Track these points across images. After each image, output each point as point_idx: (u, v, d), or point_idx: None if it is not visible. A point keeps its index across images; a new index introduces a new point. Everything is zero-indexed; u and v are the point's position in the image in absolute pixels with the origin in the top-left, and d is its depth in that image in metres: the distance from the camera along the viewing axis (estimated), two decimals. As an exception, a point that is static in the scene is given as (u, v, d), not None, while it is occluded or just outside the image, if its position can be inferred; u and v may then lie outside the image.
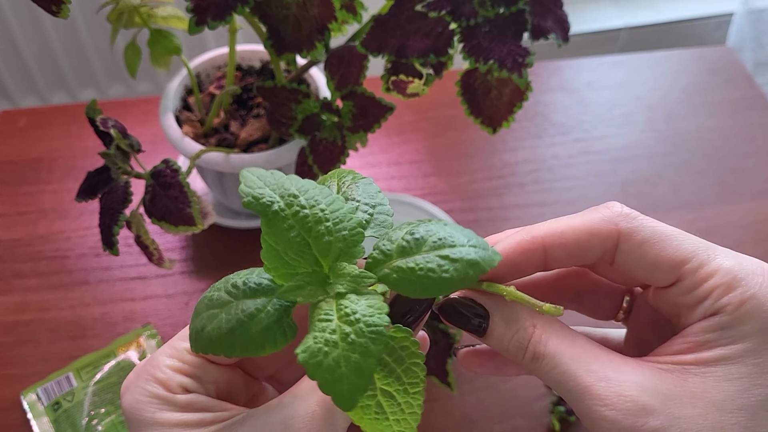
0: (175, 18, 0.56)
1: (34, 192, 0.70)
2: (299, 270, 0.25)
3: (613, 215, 0.28)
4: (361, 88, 0.49)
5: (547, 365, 0.27)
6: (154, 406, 0.28)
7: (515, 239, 0.29)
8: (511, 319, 0.28)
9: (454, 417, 0.56)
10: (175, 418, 0.27)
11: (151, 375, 0.28)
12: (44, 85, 1.24)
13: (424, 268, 0.24)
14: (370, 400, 0.25)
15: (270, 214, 0.26)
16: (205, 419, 0.27)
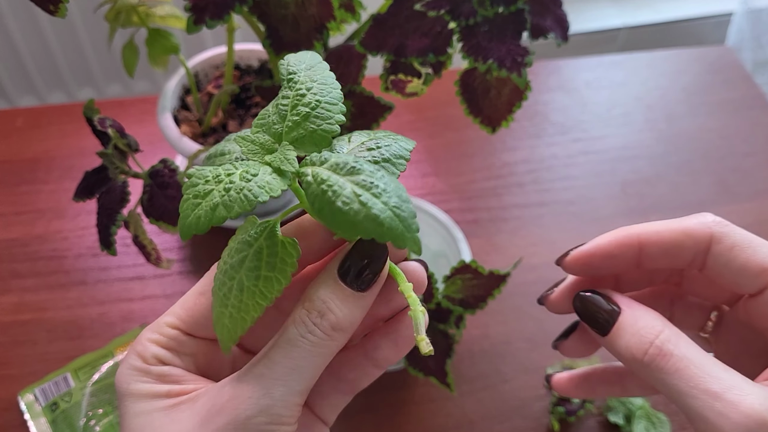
0: (173, 17, 0.56)
1: (32, 192, 0.70)
2: (267, 136, 0.26)
3: (707, 221, 0.29)
4: (359, 87, 0.49)
5: (673, 366, 0.26)
6: (130, 377, 0.28)
7: (613, 233, 0.30)
8: (640, 317, 0.28)
9: (453, 418, 0.56)
10: (146, 388, 0.28)
11: (134, 349, 0.29)
12: (42, 85, 1.24)
13: (335, 193, 0.23)
14: (231, 279, 0.25)
15: (286, 80, 0.27)
16: (172, 390, 0.28)
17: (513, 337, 0.60)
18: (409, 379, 0.57)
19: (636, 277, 0.34)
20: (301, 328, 0.26)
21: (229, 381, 0.26)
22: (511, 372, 0.58)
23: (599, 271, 0.31)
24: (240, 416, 0.25)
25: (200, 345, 0.30)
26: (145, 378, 0.28)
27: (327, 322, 0.26)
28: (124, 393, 0.28)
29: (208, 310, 0.29)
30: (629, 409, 0.55)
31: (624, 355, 0.28)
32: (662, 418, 0.54)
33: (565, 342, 0.34)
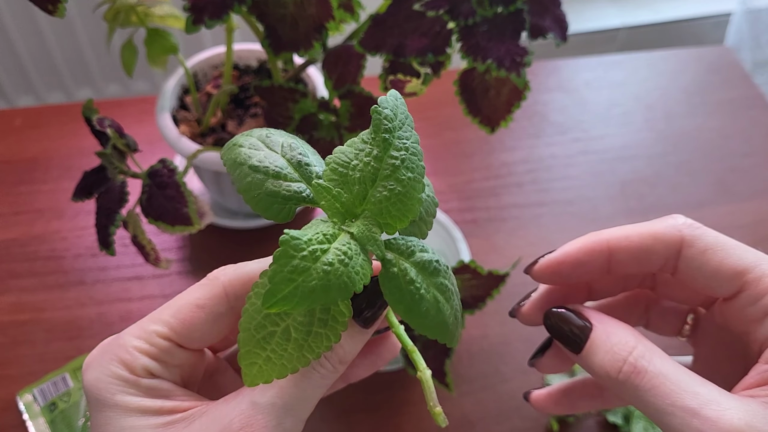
0: (171, 17, 0.56)
1: (30, 192, 0.70)
2: (349, 195, 0.26)
3: (677, 224, 0.28)
4: (358, 87, 0.49)
5: (648, 383, 0.25)
6: (115, 387, 0.27)
7: (581, 240, 0.30)
8: (612, 332, 0.27)
9: (452, 418, 0.56)
10: (135, 402, 0.27)
11: (116, 355, 0.27)
12: (40, 85, 1.24)
13: (421, 296, 0.25)
14: (275, 326, 0.25)
15: (381, 132, 0.26)
16: (164, 407, 0.27)
17: (512, 338, 0.60)
18: (407, 380, 0.57)
19: (608, 283, 0.33)
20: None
21: (237, 403, 0.26)
22: (510, 372, 0.58)
23: (569, 279, 0.30)
24: None
25: (188, 357, 0.29)
26: (133, 390, 0.27)
27: (336, 356, 0.26)
28: (106, 404, 0.27)
29: (206, 325, 0.28)
30: (628, 409, 0.55)
31: (598, 373, 0.27)
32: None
33: (542, 359, 0.33)
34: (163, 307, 0.29)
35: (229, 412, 0.26)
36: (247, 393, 0.26)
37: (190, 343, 0.29)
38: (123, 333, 0.28)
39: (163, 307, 0.29)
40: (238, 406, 0.26)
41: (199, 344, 0.29)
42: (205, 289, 0.29)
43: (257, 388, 0.26)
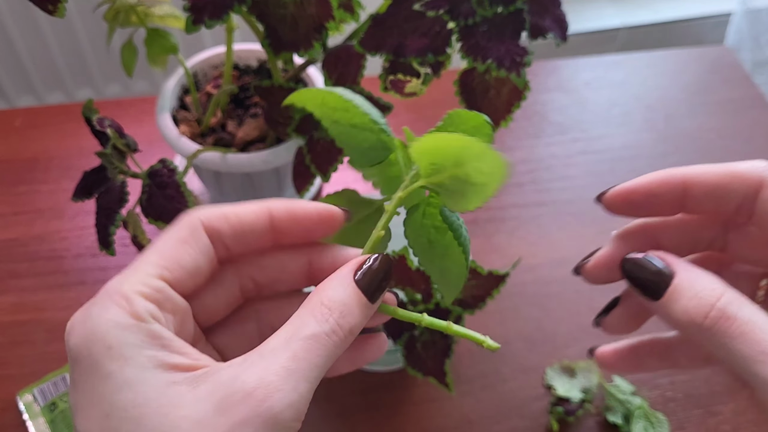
0: (171, 17, 0.56)
1: (30, 192, 0.70)
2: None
3: (759, 165, 0.27)
4: (359, 87, 0.49)
5: (737, 329, 0.24)
6: (123, 335, 0.23)
7: (656, 173, 0.29)
8: (697, 279, 0.26)
9: (452, 418, 0.56)
10: (146, 353, 0.23)
11: (112, 302, 0.24)
12: (40, 85, 1.24)
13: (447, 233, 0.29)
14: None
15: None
16: (179, 363, 0.24)
17: (512, 338, 0.60)
18: (407, 379, 0.57)
19: (677, 237, 0.31)
20: (325, 326, 0.25)
21: (248, 367, 0.24)
22: (510, 372, 0.58)
23: (640, 211, 0.29)
24: (270, 409, 0.23)
25: (180, 305, 0.27)
26: (141, 338, 0.23)
27: (348, 325, 0.25)
28: (106, 357, 0.23)
29: (194, 260, 0.27)
30: (628, 409, 0.55)
31: (681, 320, 0.26)
32: (660, 418, 0.54)
33: (607, 318, 0.32)
34: (145, 253, 0.27)
35: (242, 374, 0.23)
36: (257, 356, 0.24)
37: (181, 284, 0.27)
38: (110, 283, 0.25)
39: (145, 253, 0.27)
40: (249, 367, 0.24)
41: (189, 285, 0.27)
42: (183, 226, 0.27)
43: (268, 353, 0.24)
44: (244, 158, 0.55)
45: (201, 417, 0.22)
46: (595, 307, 0.34)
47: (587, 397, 0.55)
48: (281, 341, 0.25)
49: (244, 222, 0.28)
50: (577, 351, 0.59)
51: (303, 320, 0.25)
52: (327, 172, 0.50)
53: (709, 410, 0.56)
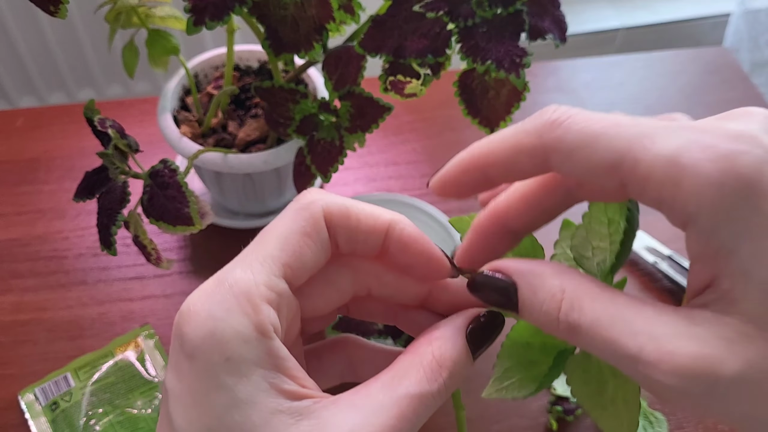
0: (173, 18, 0.56)
1: (32, 192, 0.70)
2: None
3: (539, 125, 0.24)
4: (359, 88, 0.49)
5: (587, 337, 0.22)
6: (245, 350, 0.22)
7: (459, 157, 0.27)
8: (537, 286, 0.24)
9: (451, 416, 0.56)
10: (270, 379, 0.22)
11: (242, 307, 0.23)
12: (42, 86, 1.24)
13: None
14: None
15: None
16: (299, 392, 0.23)
17: (511, 337, 0.61)
18: (407, 379, 0.57)
19: (525, 218, 0.28)
20: (434, 386, 0.24)
21: (354, 415, 0.23)
22: (510, 371, 0.58)
23: (465, 195, 0.27)
24: None
25: (293, 307, 0.25)
26: (262, 357, 0.23)
27: (453, 385, 0.25)
28: (233, 369, 0.22)
29: (315, 257, 0.25)
30: (627, 408, 0.55)
31: (548, 331, 0.24)
32: (659, 417, 0.54)
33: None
34: (267, 240, 0.25)
35: (347, 420, 0.23)
36: (364, 403, 0.24)
37: (298, 281, 0.25)
38: (234, 273, 0.24)
39: (263, 240, 0.25)
40: (357, 417, 0.23)
41: (303, 282, 0.26)
42: (305, 215, 0.25)
43: (376, 405, 0.23)
44: (245, 159, 0.55)
45: None
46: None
47: (586, 397, 0.55)
48: (388, 394, 0.24)
49: (362, 226, 0.26)
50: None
51: (411, 372, 0.24)
52: (327, 173, 0.50)
53: (708, 409, 0.56)
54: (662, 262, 0.65)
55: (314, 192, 0.26)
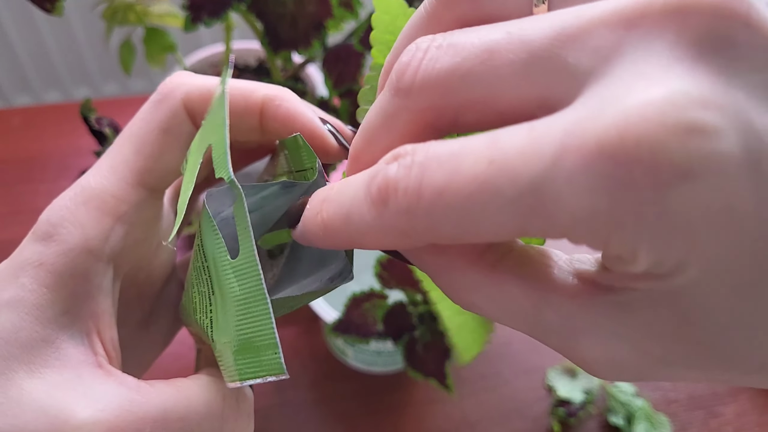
0: (170, 15, 0.55)
1: (28, 191, 0.69)
2: None
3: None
4: (358, 86, 0.48)
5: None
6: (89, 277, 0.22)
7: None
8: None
9: (453, 419, 0.55)
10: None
11: (84, 240, 0.22)
12: (38, 84, 1.24)
13: None
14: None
15: None
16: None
17: (513, 339, 0.60)
18: (408, 381, 0.57)
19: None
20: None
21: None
22: (511, 373, 0.58)
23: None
24: None
25: (157, 213, 0.24)
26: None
27: None
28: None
29: (178, 153, 0.23)
30: (630, 410, 0.55)
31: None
32: (662, 420, 0.54)
33: None
34: (119, 144, 0.23)
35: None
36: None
37: (165, 186, 0.24)
38: (86, 177, 0.23)
39: (118, 143, 0.24)
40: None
41: (163, 189, 0.24)
42: (163, 108, 0.23)
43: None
44: (243, 158, 0.54)
45: None
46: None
47: (589, 399, 0.55)
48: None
49: (231, 108, 0.24)
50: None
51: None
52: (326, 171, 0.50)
53: (712, 411, 0.56)
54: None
55: (175, 77, 0.24)
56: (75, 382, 0.20)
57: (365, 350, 0.52)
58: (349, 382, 0.56)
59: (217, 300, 0.20)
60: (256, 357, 0.19)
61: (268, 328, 0.18)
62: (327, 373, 0.56)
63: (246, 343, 0.19)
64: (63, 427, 0.19)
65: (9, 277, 0.21)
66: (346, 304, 0.47)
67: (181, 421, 0.20)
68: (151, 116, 0.23)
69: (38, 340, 0.21)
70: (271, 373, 0.18)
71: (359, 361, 0.56)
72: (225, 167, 0.19)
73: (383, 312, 0.47)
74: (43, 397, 0.20)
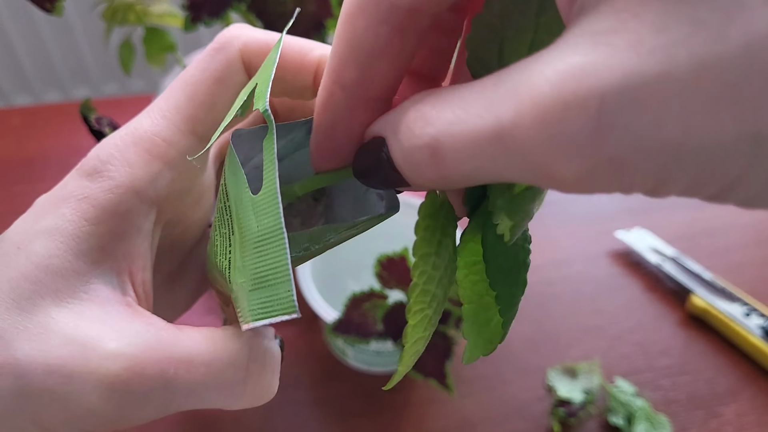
0: (170, 15, 0.55)
1: (28, 191, 0.69)
2: None
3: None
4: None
5: (450, 151, 0.16)
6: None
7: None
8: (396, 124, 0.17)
9: (453, 420, 0.55)
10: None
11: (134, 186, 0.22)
12: (38, 84, 1.24)
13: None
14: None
15: None
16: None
17: (513, 339, 0.60)
18: (407, 382, 0.57)
19: None
20: None
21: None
22: (511, 373, 0.58)
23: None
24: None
25: (204, 162, 0.24)
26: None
27: None
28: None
29: (229, 104, 0.23)
30: (630, 410, 0.54)
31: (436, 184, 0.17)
32: (663, 420, 0.54)
33: None
34: (172, 90, 0.23)
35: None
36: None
37: (208, 136, 0.23)
38: (138, 119, 0.23)
39: (171, 89, 0.23)
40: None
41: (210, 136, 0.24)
42: (219, 58, 0.23)
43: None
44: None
45: None
46: (597, 307, 0.34)
47: (589, 399, 0.55)
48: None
49: (287, 65, 0.23)
50: (579, 352, 0.59)
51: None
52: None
53: (712, 411, 0.56)
54: (666, 263, 0.64)
55: (234, 28, 0.24)
56: (102, 317, 0.20)
57: (365, 350, 0.52)
58: (349, 382, 0.56)
59: (236, 240, 0.20)
60: (270, 296, 0.18)
61: (282, 264, 0.18)
62: (327, 373, 0.56)
63: (261, 281, 0.18)
64: (90, 356, 0.19)
65: (49, 207, 0.22)
66: (346, 304, 0.47)
67: (205, 367, 0.20)
68: (207, 65, 0.23)
69: (69, 271, 0.21)
70: (283, 312, 0.18)
71: (359, 361, 0.56)
72: (263, 98, 0.18)
73: (383, 312, 0.46)
74: (70, 326, 0.20)
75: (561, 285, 0.64)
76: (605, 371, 0.57)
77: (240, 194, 0.19)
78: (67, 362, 0.19)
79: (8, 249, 0.21)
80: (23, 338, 0.19)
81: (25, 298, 0.20)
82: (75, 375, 0.19)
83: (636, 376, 0.57)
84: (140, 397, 0.19)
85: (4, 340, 0.19)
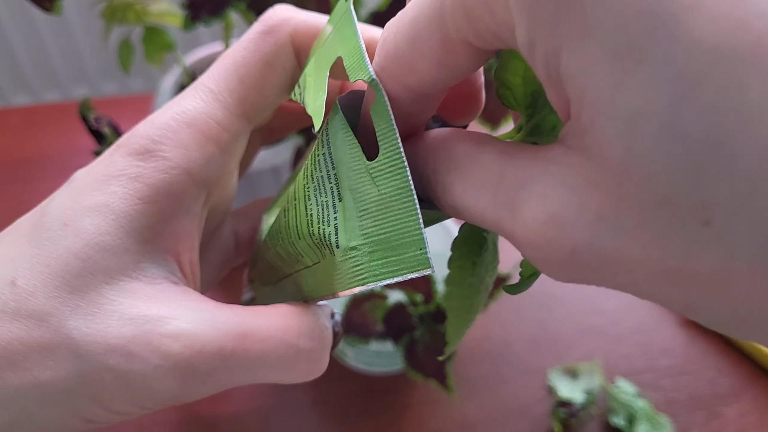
0: (169, 14, 0.55)
1: (27, 191, 0.69)
2: None
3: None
4: (359, 85, 0.48)
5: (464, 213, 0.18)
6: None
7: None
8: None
9: (453, 420, 0.55)
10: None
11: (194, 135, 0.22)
12: (37, 83, 1.23)
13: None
14: (480, 282, 0.25)
15: None
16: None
17: (514, 339, 0.60)
18: (408, 383, 0.57)
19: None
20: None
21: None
22: (512, 374, 0.58)
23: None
24: None
25: (243, 146, 0.24)
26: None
27: None
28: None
29: (278, 90, 0.23)
30: (631, 411, 0.54)
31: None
32: (664, 420, 0.54)
33: None
34: (222, 69, 0.23)
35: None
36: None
37: (258, 120, 0.24)
38: (185, 98, 0.23)
39: (221, 68, 0.23)
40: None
41: (263, 120, 0.24)
42: (269, 42, 0.23)
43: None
44: (243, 157, 0.54)
45: None
46: (598, 308, 0.34)
47: (590, 399, 0.55)
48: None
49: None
50: (580, 353, 0.59)
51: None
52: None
53: (713, 412, 0.56)
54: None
55: (282, 9, 0.23)
56: (156, 296, 0.20)
57: (365, 351, 0.52)
58: (349, 383, 0.56)
59: (346, 206, 0.20)
60: (397, 255, 0.18)
61: (414, 224, 0.18)
62: (327, 374, 0.56)
63: (383, 242, 0.19)
64: (151, 335, 0.19)
65: (97, 184, 0.21)
66: (346, 304, 0.47)
67: (260, 343, 0.21)
68: (256, 47, 0.23)
69: (121, 249, 0.20)
70: (414, 269, 0.18)
71: (359, 361, 0.55)
72: (364, 68, 0.18)
73: (383, 312, 0.46)
74: (125, 305, 0.20)
75: (562, 285, 0.64)
76: (606, 372, 0.57)
77: (351, 161, 0.19)
78: (128, 341, 0.19)
79: (52, 225, 0.21)
80: (77, 317, 0.19)
81: (75, 275, 0.19)
82: (137, 354, 0.19)
83: (637, 376, 0.57)
84: (202, 375, 0.20)
85: (56, 318, 0.19)
